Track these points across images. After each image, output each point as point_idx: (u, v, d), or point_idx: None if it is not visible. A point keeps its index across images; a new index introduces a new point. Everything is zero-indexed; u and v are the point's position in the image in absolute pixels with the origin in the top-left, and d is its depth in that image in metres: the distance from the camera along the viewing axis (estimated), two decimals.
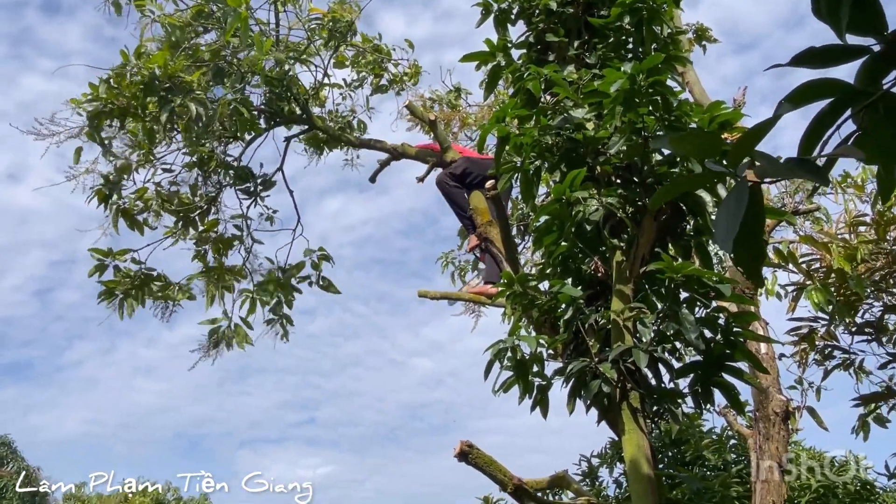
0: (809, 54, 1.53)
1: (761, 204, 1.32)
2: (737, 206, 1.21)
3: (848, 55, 1.51)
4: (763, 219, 1.35)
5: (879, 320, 4.49)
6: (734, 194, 1.26)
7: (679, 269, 3.15)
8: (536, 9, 4.45)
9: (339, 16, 5.45)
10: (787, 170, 1.23)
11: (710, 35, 8.03)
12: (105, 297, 5.62)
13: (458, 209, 5.36)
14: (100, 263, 5.76)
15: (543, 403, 3.60)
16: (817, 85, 1.45)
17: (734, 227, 1.20)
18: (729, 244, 1.19)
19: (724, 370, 3.36)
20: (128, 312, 5.68)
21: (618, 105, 3.40)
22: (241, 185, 6.01)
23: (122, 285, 5.62)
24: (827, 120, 1.44)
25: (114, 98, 4.92)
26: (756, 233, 1.32)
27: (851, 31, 1.49)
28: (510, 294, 3.71)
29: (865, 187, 5.36)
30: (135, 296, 5.68)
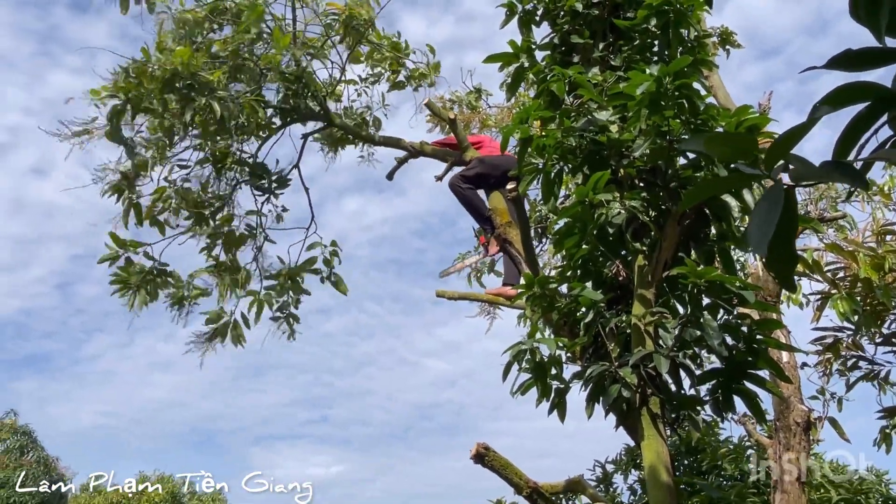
0: (846, 57, 1.48)
1: (795, 208, 1.28)
2: (772, 209, 1.17)
3: (885, 58, 1.46)
4: (796, 223, 1.31)
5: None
6: (769, 197, 1.21)
7: (702, 275, 3.10)
8: (562, 10, 4.41)
9: (356, 12, 5.43)
10: (824, 173, 1.19)
11: (735, 39, 7.94)
12: (118, 284, 5.60)
13: (474, 211, 5.30)
14: (114, 252, 5.76)
15: (561, 406, 3.56)
16: (853, 88, 1.40)
17: (769, 230, 1.16)
18: (764, 247, 1.15)
19: (745, 378, 3.31)
20: (139, 306, 5.67)
21: (643, 107, 3.35)
22: (256, 183, 5.99)
23: (135, 277, 5.61)
24: (862, 124, 1.40)
25: (132, 89, 4.91)
26: (789, 237, 1.28)
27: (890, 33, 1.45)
28: (530, 296, 3.68)
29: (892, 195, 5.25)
30: (149, 290, 5.67)
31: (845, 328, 4.42)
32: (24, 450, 23.89)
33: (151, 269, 5.75)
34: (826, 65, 1.48)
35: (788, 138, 1.16)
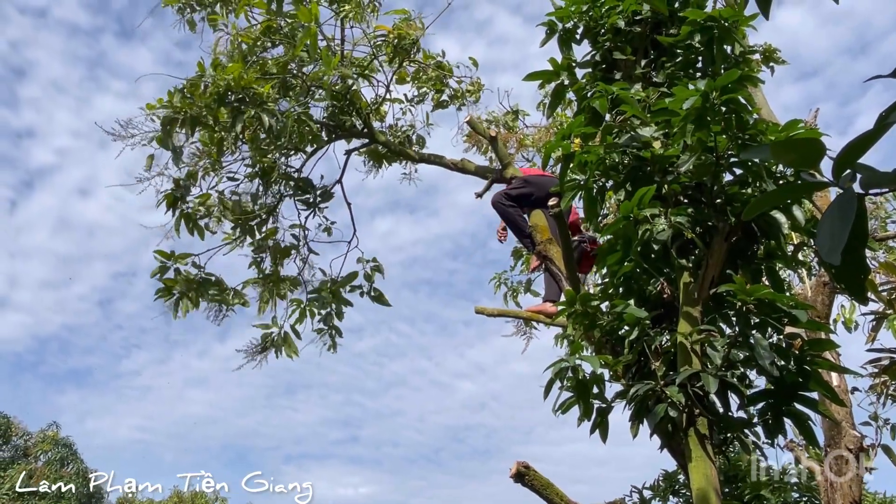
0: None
1: (865, 216, 1.26)
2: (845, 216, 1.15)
3: None
4: (867, 232, 1.28)
5: None
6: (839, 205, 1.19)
7: (752, 292, 3.03)
8: (603, 28, 4.42)
9: (405, 32, 5.53)
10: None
11: (779, 56, 7.82)
12: (163, 294, 5.77)
13: (516, 229, 5.30)
14: (162, 265, 5.95)
15: (603, 427, 3.50)
16: None
17: (842, 238, 1.13)
18: (837, 256, 1.12)
19: (796, 400, 3.21)
20: (182, 312, 5.82)
21: (689, 123, 3.32)
22: (300, 196, 6.12)
23: (180, 284, 5.77)
24: None
25: (187, 107, 5.09)
26: (860, 246, 1.26)
27: None
28: (571, 313, 3.65)
29: None
30: (191, 298, 5.82)
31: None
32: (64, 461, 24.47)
33: (197, 276, 5.90)
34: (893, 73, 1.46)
35: (857, 146, 1.14)
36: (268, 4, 5.66)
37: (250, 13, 5.85)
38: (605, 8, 4.39)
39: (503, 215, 5.39)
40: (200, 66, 5.11)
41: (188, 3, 5.73)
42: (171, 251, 6.01)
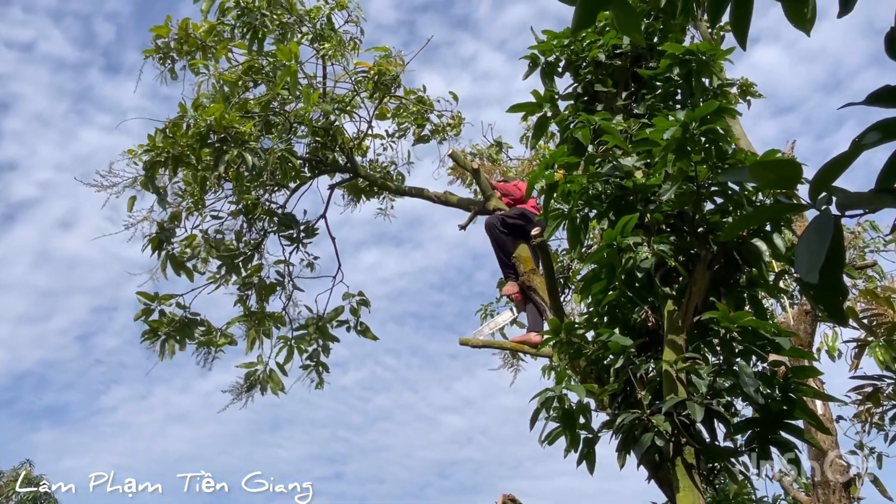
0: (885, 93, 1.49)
1: (842, 239, 1.27)
2: (822, 237, 1.16)
3: None
4: (844, 254, 1.29)
5: None
6: (816, 226, 1.20)
7: (735, 320, 3.04)
8: (584, 61, 4.50)
9: (385, 69, 5.61)
10: (873, 199, 1.18)
11: (756, 90, 8.01)
12: (148, 336, 5.69)
13: (503, 255, 5.29)
14: (146, 308, 5.87)
15: (590, 458, 3.46)
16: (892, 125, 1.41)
17: (819, 257, 1.14)
18: (815, 275, 1.13)
19: (782, 428, 3.20)
20: (169, 354, 5.74)
21: (669, 153, 3.37)
22: (284, 232, 6.10)
23: (165, 326, 5.69)
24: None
25: (169, 147, 5.10)
26: (838, 267, 1.26)
27: None
28: (556, 342, 3.63)
29: None
30: (178, 339, 5.74)
31: (885, 376, 4.27)
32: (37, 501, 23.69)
33: (182, 317, 5.83)
34: (866, 101, 1.49)
35: (832, 168, 1.16)
36: (249, 45, 5.72)
37: (231, 54, 5.91)
38: (587, 42, 4.49)
39: (495, 240, 5.35)
40: (182, 107, 5.13)
41: (168, 54, 5.78)
42: (155, 293, 5.94)
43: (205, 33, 5.73)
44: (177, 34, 5.70)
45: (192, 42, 5.72)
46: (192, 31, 5.72)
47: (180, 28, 5.68)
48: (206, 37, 5.71)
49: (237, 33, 5.78)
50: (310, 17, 5.88)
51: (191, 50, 5.78)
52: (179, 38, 5.70)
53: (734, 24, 1.65)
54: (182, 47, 5.72)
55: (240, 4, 5.56)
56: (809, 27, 1.88)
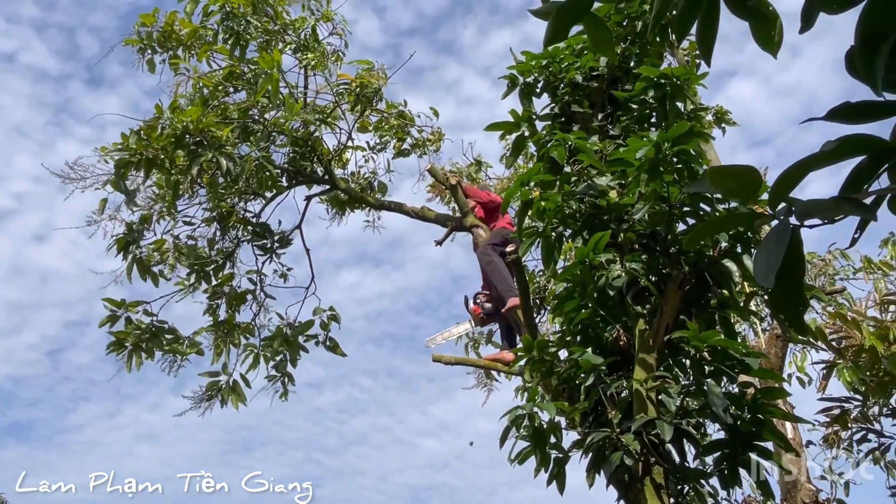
0: (845, 109, 1.51)
1: (801, 248, 1.27)
2: (779, 242, 1.16)
3: (883, 112, 1.49)
4: (804, 265, 1.30)
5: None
6: (775, 234, 1.21)
7: (705, 339, 3.05)
8: (562, 82, 4.55)
9: (367, 82, 5.62)
10: (833, 207, 1.18)
11: (730, 118, 8.16)
12: (114, 348, 5.56)
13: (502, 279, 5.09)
14: (112, 314, 5.75)
15: (560, 477, 3.42)
16: (852, 140, 1.43)
17: (776, 263, 1.14)
18: (771, 279, 1.13)
19: (751, 449, 3.20)
20: (136, 365, 5.61)
21: (642, 173, 3.40)
22: (258, 242, 6.03)
23: (132, 337, 5.57)
24: (863, 174, 1.41)
25: (142, 149, 5.02)
26: (797, 278, 1.27)
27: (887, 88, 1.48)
28: (528, 360, 3.61)
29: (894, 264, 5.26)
30: (145, 348, 5.61)
31: (852, 398, 4.32)
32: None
33: (149, 326, 5.71)
34: (826, 116, 1.51)
35: (791, 175, 1.17)
36: (231, 51, 5.69)
37: (213, 59, 5.87)
38: (564, 63, 4.54)
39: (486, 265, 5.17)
40: (158, 109, 5.07)
41: (149, 44, 5.72)
42: (122, 299, 5.81)
43: (187, 35, 5.68)
44: (162, 27, 5.64)
45: (176, 38, 5.67)
46: (177, 26, 5.67)
47: (166, 21, 5.63)
48: (188, 38, 5.66)
49: (220, 38, 5.74)
50: (294, 28, 5.88)
51: (173, 46, 5.73)
52: (164, 31, 5.64)
53: (699, 40, 1.67)
54: (165, 42, 5.65)
55: (224, 9, 5.54)
56: (776, 49, 1.92)
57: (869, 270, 5.74)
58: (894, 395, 4.29)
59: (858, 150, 1.44)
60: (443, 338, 5.81)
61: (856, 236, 1.34)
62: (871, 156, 1.44)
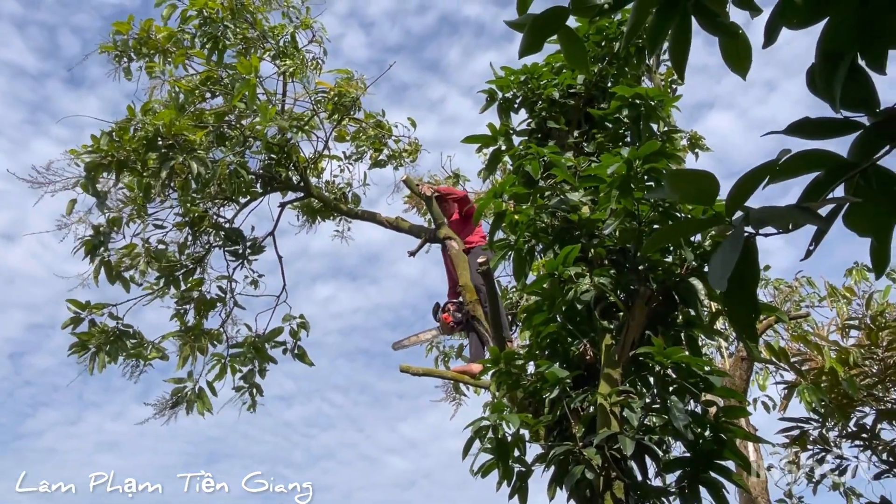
0: (805, 124, 1.55)
1: (756, 257, 1.29)
2: (733, 248, 1.18)
3: (841, 129, 1.53)
4: (758, 274, 1.31)
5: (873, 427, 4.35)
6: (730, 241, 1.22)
7: (669, 355, 3.07)
8: (540, 98, 4.61)
9: (346, 91, 5.62)
10: (786, 215, 1.20)
11: (704, 144, 8.31)
12: (77, 349, 5.42)
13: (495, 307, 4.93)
14: (76, 316, 5.62)
15: (522, 491, 3.40)
16: (809, 156, 1.46)
17: (729, 267, 1.16)
18: (723, 283, 1.14)
19: (712, 468, 3.22)
20: (98, 368, 5.47)
21: (614, 189, 3.43)
22: (230, 247, 5.96)
23: (95, 339, 5.44)
24: (820, 188, 1.44)
25: (114, 150, 4.94)
26: (750, 286, 1.28)
27: (845, 106, 1.52)
28: (495, 372, 3.60)
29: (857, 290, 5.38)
30: (108, 351, 5.48)
31: (812, 419, 4.37)
32: None
33: (114, 329, 5.59)
34: (785, 130, 1.54)
35: (745, 185, 1.18)
36: (208, 56, 5.66)
37: (189, 63, 5.84)
38: (543, 80, 4.60)
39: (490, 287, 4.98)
40: (130, 110, 5.01)
41: (125, 52, 5.67)
42: (87, 301, 5.69)
43: (164, 38, 5.64)
44: (137, 34, 5.59)
45: (153, 44, 5.62)
46: (153, 33, 5.63)
47: (142, 28, 5.58)
48: (164, 42, 5.62)
49: (197, 42, 5.71)
50: (273, 35, 5.87)
51: (149, 52, 5.68)
52: (140, 38, 5.59)
53: (672, 53, 1.70)
54: (141, 48, 5.61)
55: (202, 14, 5.51)
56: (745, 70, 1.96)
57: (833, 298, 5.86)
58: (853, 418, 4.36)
59: (815, 165, 1.48)
60: (410, 342, 5.79)
61: (811, 248, 1.36)
62: (828, 171, 1.47)
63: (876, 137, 1.48)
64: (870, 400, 4.32)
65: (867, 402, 4.33)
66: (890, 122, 1.44)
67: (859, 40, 1.47)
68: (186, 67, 5.83)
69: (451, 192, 5.76)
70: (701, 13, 1.68)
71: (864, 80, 1.53)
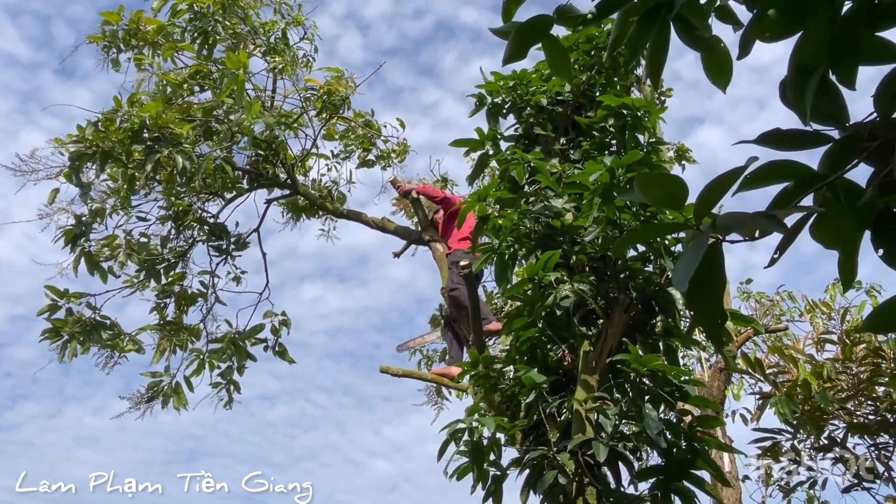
0: (776, 135, 1.57)
1: (722, 262, 1.30)
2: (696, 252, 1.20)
3: (811, 141, 1.55)
4: (724, 279, 1.33)
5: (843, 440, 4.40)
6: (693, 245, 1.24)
7: (645, 363, 3.09)
8: (528, 105, 4.63)
9: (335, 89, 5.61)
10: (749, 221, 1.22)
11: (691, 156, 8.38)
12: (49, 335, 5.36)
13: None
14: (52, 303, 5.56)
15: (497, 495, 3.41)
16: (779, 166, 1.48)
17: (691, 269, 1.18)
18: (685, 285, 1.16)
19: (685, 477, 3.24)
20: (69, 356, 5.42)
21: (596, 196, 3.46)
22: (213, 242, 5.92)
23: (70, 327, 5.39)
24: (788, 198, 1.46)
25: (99, 140, 4.91)
26: (715, 289, 1.30)
27: (816, 119, 1.54)
28: (473, 375, 3.61)
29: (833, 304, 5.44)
30: (81, 341, 5.43)
31: (784, 430, 4.41)
32: None
33: (90, 319, 5.53)
34: (756, 140, 1.56)
35: (714, 188, 1.20)
36: (198, 50, 5.64)
37: (178, 57, 5.81)
38: (532, 87, 4.62)
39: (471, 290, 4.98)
40: (117, 101, 4.98)
41: (114, 42, 5.64)
42: (65, 289, 5.63)
43: (154, 31, 5.61)
44: (127, 25, 5.56)
45: (142, 36, 5.59)
46: (143, 25, 5.60)
47: (131, 20, 5.55)
48: (154, 35, 5.59)
49: (187, 36, 5.68)
50: (264, 30, 5.86)
51: (139, 44, 5.65)
52: (129, 29, 5.56)
53: (648, 61, 1.72)
54: (130, 40, 5.57)
55: (193, 8, 5.49)
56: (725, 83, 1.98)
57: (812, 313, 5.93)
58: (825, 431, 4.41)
59: (785, 175, 1.50)
60: (415, 343, 5.79)
61: (775, 256, 1.38)
62: (797, 181, 1.50)
63: (845, 151, 1.50)
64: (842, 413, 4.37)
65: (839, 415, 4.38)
66: (858, 136, 1.46)
67: (830, 55, 1.49)
68: (175, 61, 5.81)
69: (431, 193, 5.75)
70: (681, 25, 1.71)
71: (835, 94, 1.56)
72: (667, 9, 1.57)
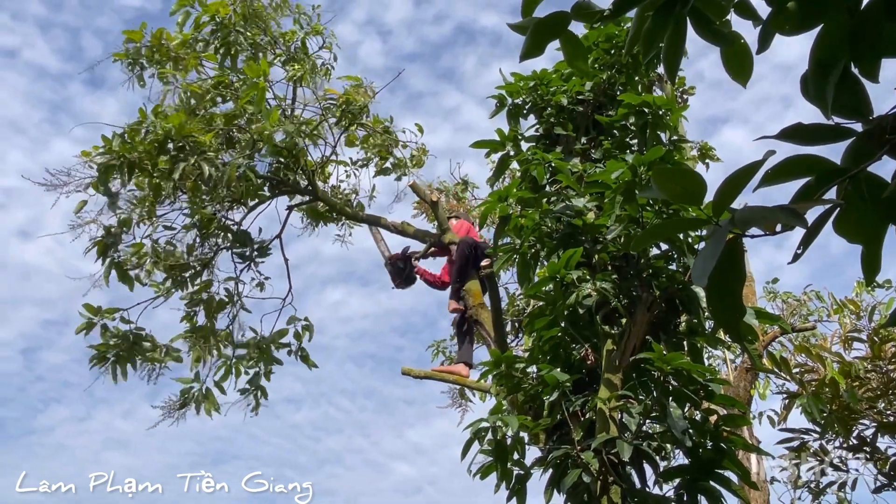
0: (797, 130, 1.57)
1: (741, 257, 1.30)
2: (715, 246, 1.21)
3: (833, 135, 1.54)
4: (744, 273, 1.33)
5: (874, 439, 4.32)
6: (713, 238, 1.24)
7: (669, 361, 3.07)
8: (549, 105, 4.63)
9: (353, 98, 5.67)
10: (768, 215, 1.22)
11: (715, 155, 8.30)
12: (97, 361, 5.48)
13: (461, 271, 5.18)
14: (88, 321, 5.67)
15: (521, 494, 3.41)
16: (800, 161, 1.47)
17: (710, 264, 1.18)
18: (704, 279, 1.17)
19: (711, 477, 3.21)
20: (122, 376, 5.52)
21: (618, 195, 3.45)
22: (237, 249, 6.01)
23: (112, 347, 5.50)
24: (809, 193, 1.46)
25: (126, 152, 5.01)
26: (734, 285, 1.30)
27: (838, 113, 1.54)
28: (496, 374, 3.62)
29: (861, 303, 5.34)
30: (127, 358, 5.55)
31: (811, 430, 4.34)
32: None
33: (128, 333, 5.63)
34: (778, 135, 1.56)
35: (733, 182, 1.20)
36: (221, 61, 5.73)
37: (202, 67, 5.91)
38: (552, 87, 4.63)
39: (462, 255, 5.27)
40: (142, 113, 5.08)
41: (137, 60, 5.76)
42: (99, 306, 5.74)
43: (178, 45, 5.72)
44: (150, 42, 5.68)
45: (165, 52, 5.71)
46: (165, 41, 5.71)
47: (154, 36, 5.67)
48: (178, 48, 5.70)
49: (210, 48, 5.78)
50: (284, 40, 5.94)
51: (162, 60, 5.76)
52: (152, 45, 5.67)
53: (665, 58, 1.72)
54: (153, 56, 5.69)
55: (215, 20, 5.58)
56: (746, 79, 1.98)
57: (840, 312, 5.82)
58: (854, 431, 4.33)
59: (806, 170, 1.49)
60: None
61: (798, 252, 1.37)
62: (819, 176, 1.49)
63: (867, 144, 1.49)
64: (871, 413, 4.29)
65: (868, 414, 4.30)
66: (881, 129, 1.45)
67: (852, 48, 1.49)
68: (199, 71, 5.91)
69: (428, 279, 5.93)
70: (697, 19, 1.71)
71: (858, 87, 1.55)
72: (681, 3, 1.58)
